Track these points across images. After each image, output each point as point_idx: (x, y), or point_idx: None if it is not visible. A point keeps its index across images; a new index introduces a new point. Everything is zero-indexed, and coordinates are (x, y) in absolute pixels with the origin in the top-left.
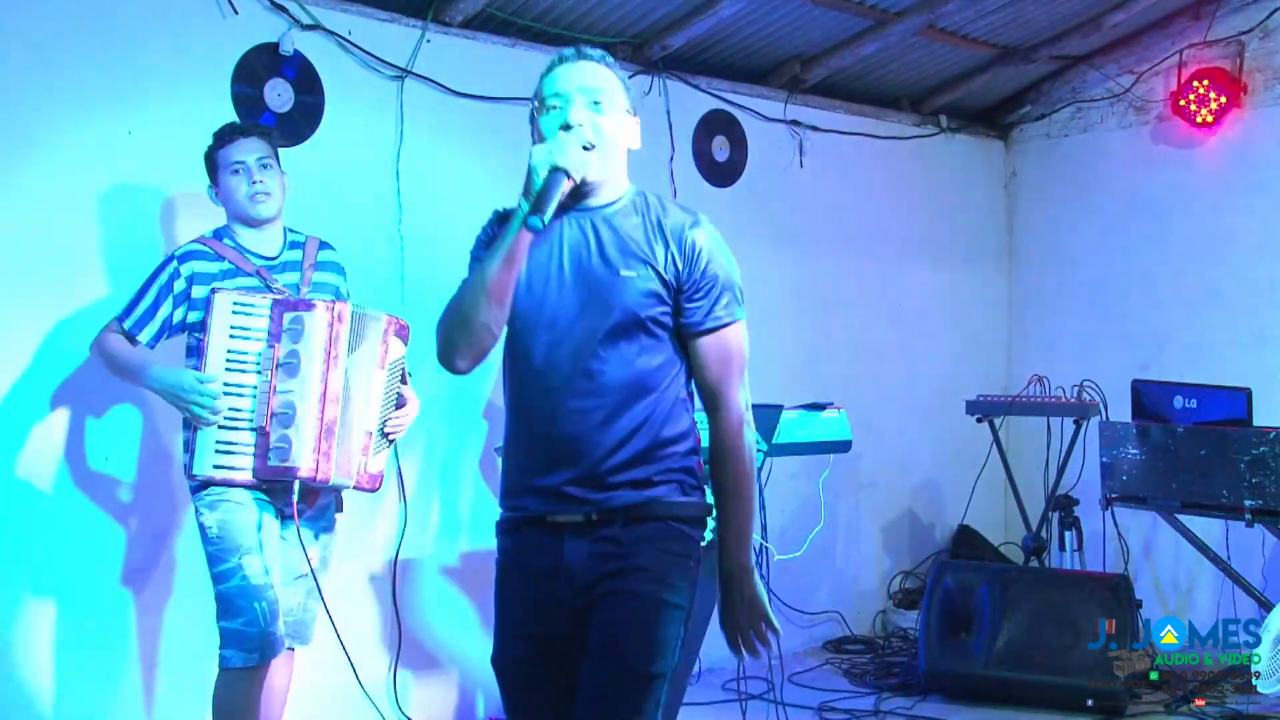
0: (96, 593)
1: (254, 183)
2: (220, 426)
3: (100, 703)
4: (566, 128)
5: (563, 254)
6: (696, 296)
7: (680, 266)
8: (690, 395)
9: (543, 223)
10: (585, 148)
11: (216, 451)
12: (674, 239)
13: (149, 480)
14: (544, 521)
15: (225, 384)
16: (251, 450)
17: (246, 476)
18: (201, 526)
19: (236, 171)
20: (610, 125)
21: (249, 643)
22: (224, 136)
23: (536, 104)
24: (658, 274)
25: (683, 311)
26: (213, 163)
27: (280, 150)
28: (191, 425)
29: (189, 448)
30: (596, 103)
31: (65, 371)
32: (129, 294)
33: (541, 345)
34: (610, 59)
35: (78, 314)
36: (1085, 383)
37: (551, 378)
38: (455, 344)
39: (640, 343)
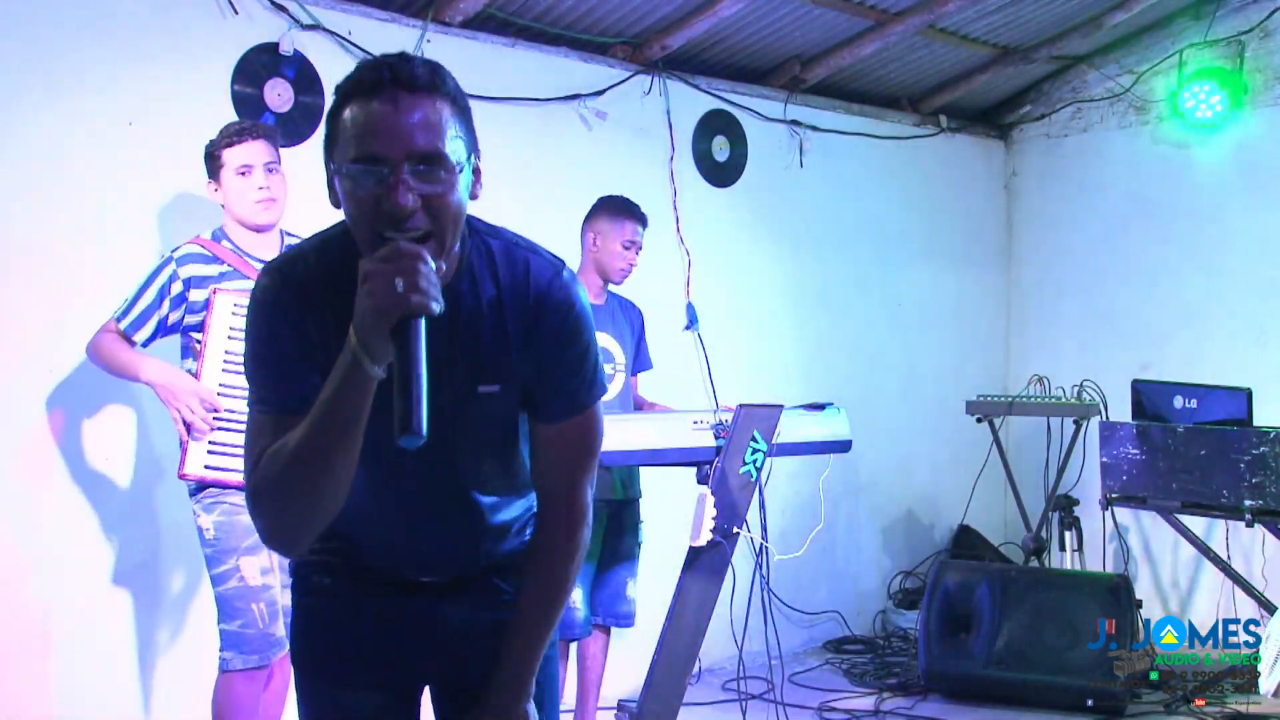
0: (92, 593)
1: (260, 188)
2: (215, 427)
3: (97, 704)
4: (395, 220)
5: None
6: (560, 380)
7: (543, 350)
8: None
9: (423, 434)
10: (426, 238)
11: (209, 452)
12: (535, 314)
13: (145, 480)
14: (403, 581)
15: (221, 385)
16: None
17: (238, 478)
18: (199, 529)
19: (243, 174)
20: (453, 200)
21: (249, 645)
22: (231, 135)
23: (339, 157)
24: (518, 377)
25: (540, 399)
26: (216, 160)
27: (280, 150)
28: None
29: (183, 448)
30: (432, 169)
31: (62, 369)
32: (126, 294)
33: (380, 475)
34: (441, 75)
35: (75, 311)
36: (1085, 383)
37: (399, 506)
38: (304, 525)
39: (504, 448)
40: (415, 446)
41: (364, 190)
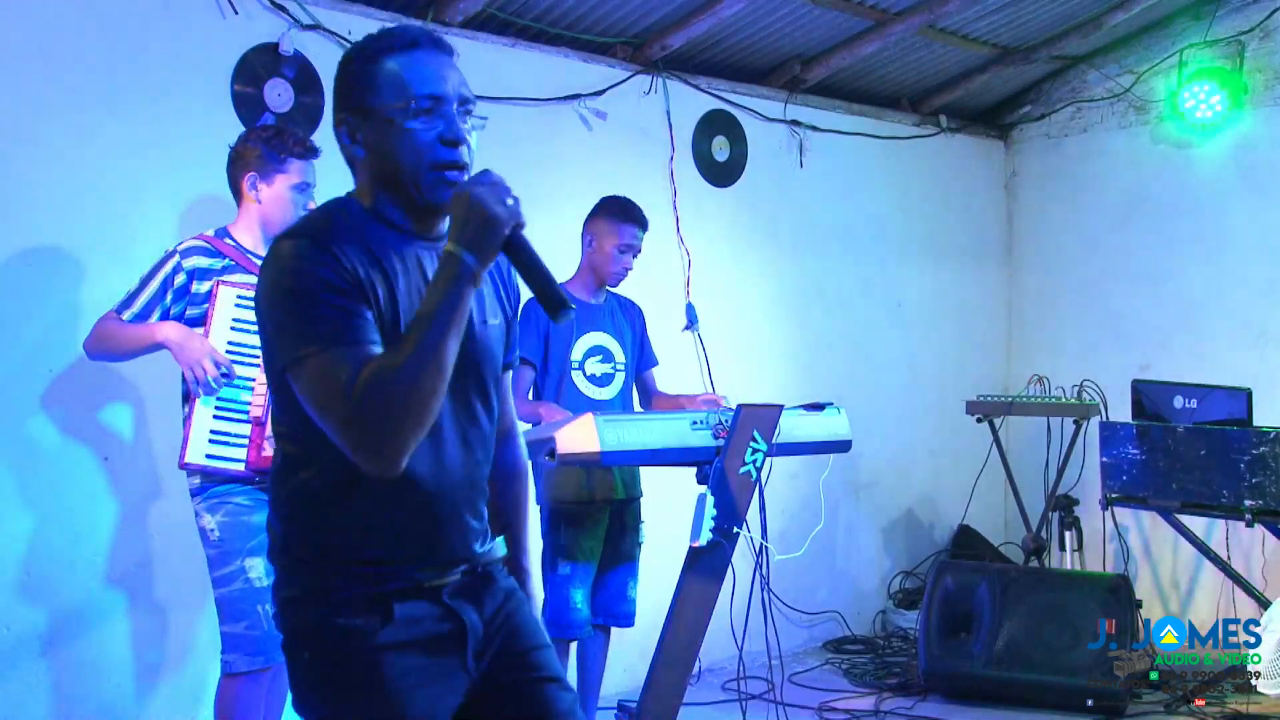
0: (91, 593)
1: (305, 207)
2: (216, 416)
3: (97, 704)
4: (454, 143)
5: None
6: (514, 325)
7: (510, 300)
8: None
9: (572, 304)
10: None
11: (210, 441)
12: (503, 267)
13: (144, 480)
14: (419, 588)
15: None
16: (245, 441)
17: (239, 468)
18: (202, 530)
19: (301, 190)
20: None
21: (253, 646)
22: (307, 150)
23: (394, 99)
24: (505, 314)
25: (511, 341)
26: (280, 163)
27: None
28: (188, 419)
29: (184, 441)
30: (469, 113)
31: (63, 370)
32: (128, 288)
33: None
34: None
35: (71, 310)
36: (1085, 383)
37: (438, 441)
38: (417, 432)
39: (499, 390)
40: (570, 317)
41: (427, 126)
